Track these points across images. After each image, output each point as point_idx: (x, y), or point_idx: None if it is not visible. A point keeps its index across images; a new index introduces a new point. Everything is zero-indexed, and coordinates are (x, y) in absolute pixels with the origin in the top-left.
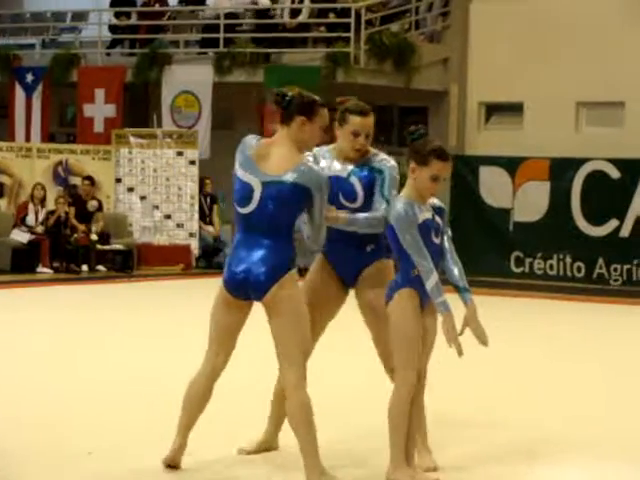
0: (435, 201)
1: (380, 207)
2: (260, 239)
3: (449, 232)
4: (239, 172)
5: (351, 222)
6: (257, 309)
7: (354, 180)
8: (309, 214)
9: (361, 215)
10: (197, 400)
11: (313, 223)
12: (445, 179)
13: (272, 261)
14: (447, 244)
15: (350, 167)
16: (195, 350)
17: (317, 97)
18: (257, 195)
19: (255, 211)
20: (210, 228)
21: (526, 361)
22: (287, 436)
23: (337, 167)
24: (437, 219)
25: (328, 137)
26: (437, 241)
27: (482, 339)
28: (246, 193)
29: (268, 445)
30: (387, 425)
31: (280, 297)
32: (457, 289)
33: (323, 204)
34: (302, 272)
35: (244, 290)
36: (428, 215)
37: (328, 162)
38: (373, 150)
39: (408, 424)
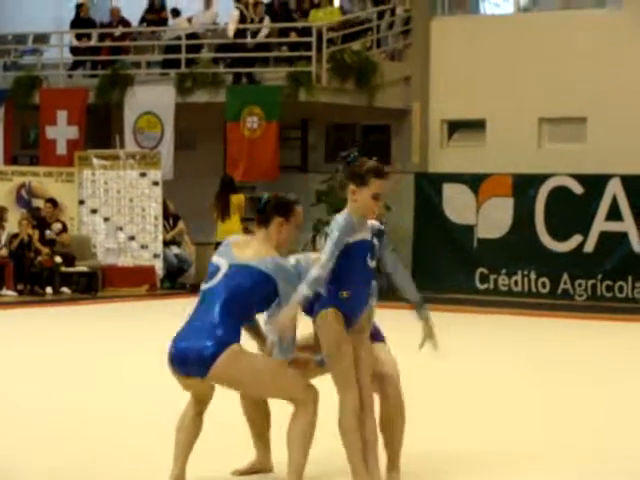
0: (375, 223)
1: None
2: (209, 315)
3: (391, 247)
4: (214, 258)
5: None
6: None
7: (374, 240)
8: (277, 302)
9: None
10: (189, 430)
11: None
12: (384, 197)
13: (216, 337)
14: (393, 258)
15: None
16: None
17: (292, 196)
18: (221, 274)
19: (215, 286)
20: (175, 248)
21: (493, 378)
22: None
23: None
24: (375, 242)
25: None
26: (371, 265)
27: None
28: (212, 272)
29: (262, 466)
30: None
31: (227, 374)
32: (416, 306)
33: (287, 295)
34: None
35: (186, 367)
36: (366, 236)
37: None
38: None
39: (362, 437)
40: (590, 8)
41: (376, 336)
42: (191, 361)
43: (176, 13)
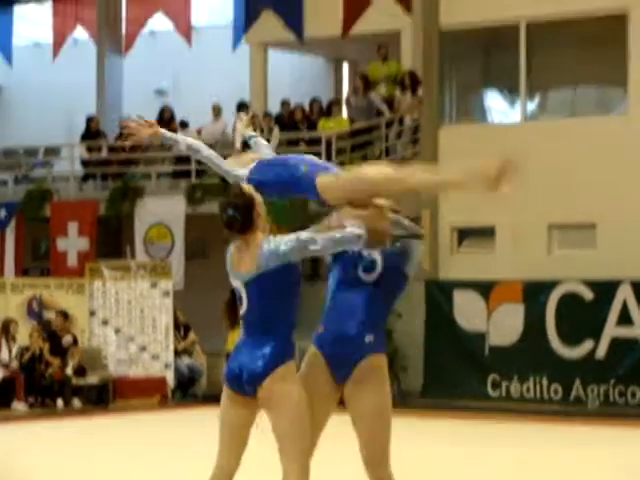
0: None
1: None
2: (255, 334)
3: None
4: (230, 280)
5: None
6: None
7: (374, 253)
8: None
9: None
10: None
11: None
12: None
13: (267, 356)
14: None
15: None
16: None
17: (241, 186)
18: (244, 296)
19: (247, 310)
20: (186, 359)
21: None
22: None
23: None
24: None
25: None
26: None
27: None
28: (238, 296)
29: None
30: None
31: (275, 392)
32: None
33: (304, 247)
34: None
35: (240, 384)
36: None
37: None
38: None
39: None
40: (596, 115)
41: None
42: (244, 377)
43: (184, 125)
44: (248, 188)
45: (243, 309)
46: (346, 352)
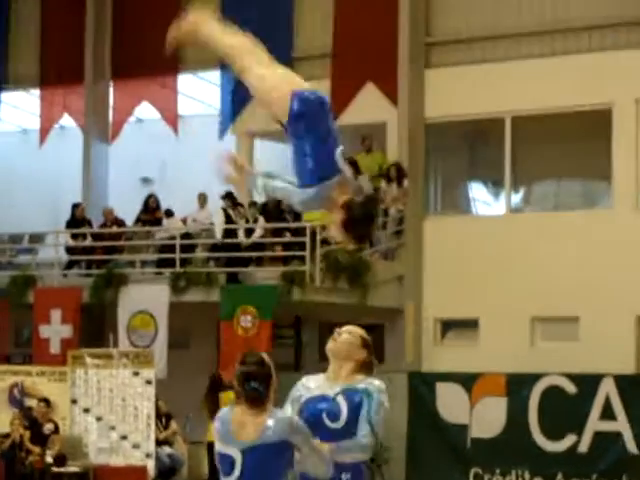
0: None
1: (364, 433)
2: None
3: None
4: (218, 446)
5: (338, 450)
6: None
7: (340, 400)
8: (303, 457)
9: (346, 444)
10: None
11: (312, 461)
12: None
13: None
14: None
15: (339, 388)
16: None
17: (265, 357)
18: (238, 464)
19: (238, 478)
20: (167, 448)
21: None
22: None
23: (325, 386)
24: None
25: None
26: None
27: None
28: (228, 463)
29: None
30: None
31: None
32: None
33: (307, 439)
34: None
35: None
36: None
37: (318, 381)
38: (362, 376)
39: None
40: (581, 209)
41: None
42: None
43: (169, 214)
44: (268, 359)
45: (233, 478)
46: None
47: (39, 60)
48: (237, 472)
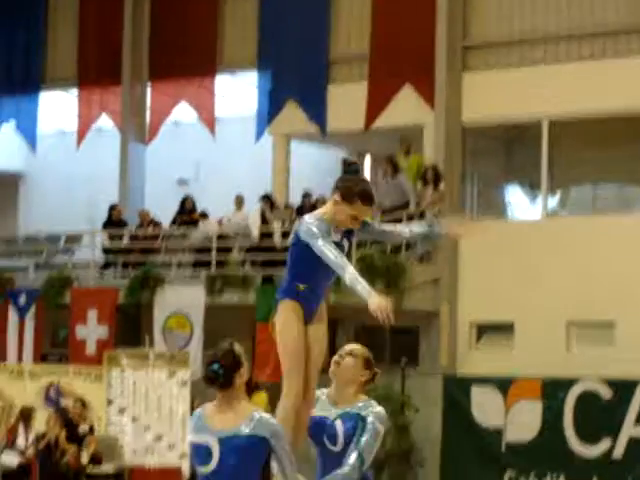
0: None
1: (349, 460)
2: None
3: (375, 222)
4: (192, 438)
5: None
6: None
7: (338, 424)
8: (279, 467)
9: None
10: None
11: (286, 476)
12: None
13: None
14: (383, 226)
15: (339, 411)
16: None
17: (235, 346)
18: (215, 453)
19: (216, 468)
20: None
21: None
22: None
23: (326, 406)
24: (345, 241)
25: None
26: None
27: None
28: (203, 453)
29: None
30: None
31: None
32: (426, 233)
33: (287, 454)
34: None
35: None
36: (337, 237)
37: (321, 405)
38: (364, 397)
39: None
40: (617, 214)
41: None
42: None
43: (204, 215)
44: (239, 348)
45: (210, 467)
46: None
47: (77, 60)
48: (215, 461)
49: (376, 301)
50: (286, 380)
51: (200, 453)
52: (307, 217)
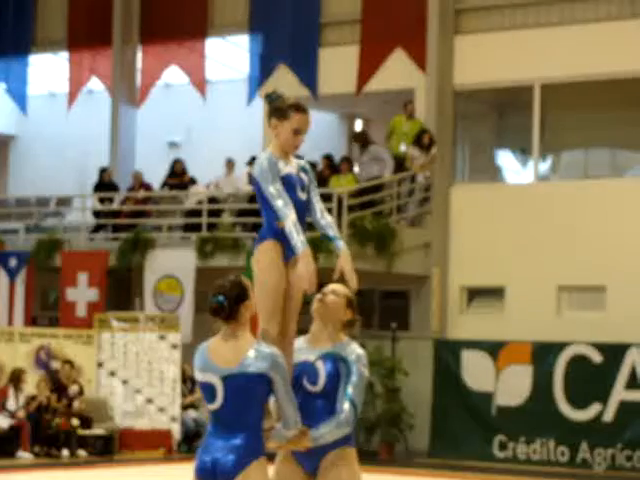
0: (301, 162)
1: (343, 407)
2: (228, 431)
3: (316, 189)
4: (198, 376)
5: (317, 439)
6: None
7: (319, 364)
8: (276, 397)
9: (324, 429)
10: None
11: (282, 405)
12: (305, 132)
13: (240, 450)
14: (315, 201)
15: (318, 352)
16: None
17: (242, 277)
18: (220, 392)
19: (221, 407)
20: (192, 412)
21: None
22: None
23: (306, 350)
24: (302, 175)
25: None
26: (303, 197)
27: (353, 282)
28: (209, 392)
29: None
30: None
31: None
32: (328, 238)
33: (286, 384)
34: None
35: (212, 479)
36: (292, 170)
37: (298, 345)
38: (345, 338)
39: None
40: (608, 178)
41: None
42: (217, 473)
43: (193, 182)
44: (247, 281)
45: (216, 405)
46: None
47: (67, 23)
48: (219, 400)
49: (301, 267)
50: (264, 323)
51: (206, 391)
52: (259, 156)
